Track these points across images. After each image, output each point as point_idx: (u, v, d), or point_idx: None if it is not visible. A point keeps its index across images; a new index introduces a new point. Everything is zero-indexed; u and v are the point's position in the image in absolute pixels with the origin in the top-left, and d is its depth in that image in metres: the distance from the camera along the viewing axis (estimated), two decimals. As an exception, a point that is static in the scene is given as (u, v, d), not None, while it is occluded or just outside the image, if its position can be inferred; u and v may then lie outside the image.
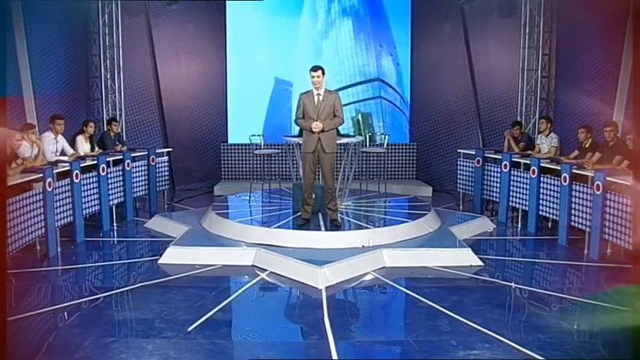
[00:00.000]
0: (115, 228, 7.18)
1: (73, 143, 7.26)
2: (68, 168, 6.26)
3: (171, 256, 5.64)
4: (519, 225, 7.24)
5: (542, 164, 6.81)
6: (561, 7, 8.74)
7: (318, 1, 10.04)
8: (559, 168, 6.46)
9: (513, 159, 7.42)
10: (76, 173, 6.31)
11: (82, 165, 6.53)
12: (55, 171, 5.98)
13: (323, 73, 5.91)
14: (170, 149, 9.01)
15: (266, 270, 5.35)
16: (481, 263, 5.55)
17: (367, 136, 9.22)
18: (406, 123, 10.28)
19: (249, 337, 4.01)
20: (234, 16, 9.93)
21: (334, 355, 3.64)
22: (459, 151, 8.65)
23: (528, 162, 7.11)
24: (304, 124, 6.00)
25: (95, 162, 6.85)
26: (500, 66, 9.53)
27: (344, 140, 6.81)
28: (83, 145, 7.37)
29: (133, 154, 7.84)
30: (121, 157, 7.51)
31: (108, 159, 7.13)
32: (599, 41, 7.61)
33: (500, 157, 7.62)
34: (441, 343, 3.82)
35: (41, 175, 5.71)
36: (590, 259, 5.77)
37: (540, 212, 6.83)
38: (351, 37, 10.07)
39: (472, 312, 4.33)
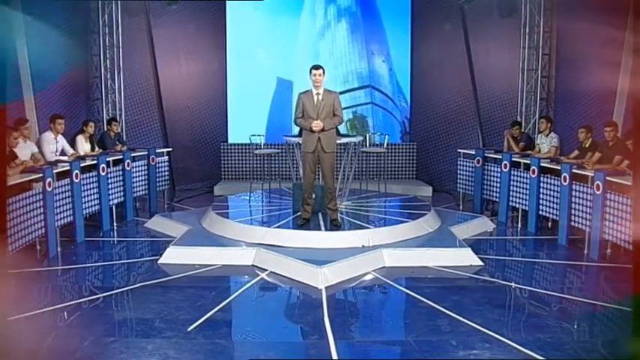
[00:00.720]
0: (115, 228, 7.18)
1: (73, 143, 7.26)
2: (68, 168, 6.26)
3: (171, 256, 5.64)
4: (519, 225, 7.24)
5: (542, 164, 6.81)
6: (561, 7, 8.74)
7: (318, 1, 10.04)
8: (559, 168, 6.46)
9: (513, 159, 7.42)
10: (76, 173, 6.31)
11: (81, 165, 6.53)
12: (54, 171, 5.98)
13: (323, 72, 5.92)
14: (170, 149, 9.01)
15: (266, 270, 5.35)
16: (481, 263, 5.55)
17: (367, 135, 9.21)
18: (398, 126, 10.28)
19: (249, 337, 4.00)
20: (234, 16, 9.93)
21: (334, 355, 3.64)
22: (459, 151, 8.65)
23: (528, 162, 7.11)
24: (304, 124, 6.00)
25: (95, 162, 6.85)
26: (500, 66, 9.53)
27: (344, 140, 6.80)
28: (83, 145, 7.37)
29: (133, 154, 7.84)
30: (121, 157, 7.51)
31: (108, 159, 7.13)
32: (599, 41, 7.60)
33: (500, 157, 7.62)
34: (441, 343, 3.82)
35: (41, 175, 5.71)
36: (590, 259, 5.77)
37: (540, 212, 6.82)
38: (349, 40, 10.07)
39: (472, 312, 4.33)
